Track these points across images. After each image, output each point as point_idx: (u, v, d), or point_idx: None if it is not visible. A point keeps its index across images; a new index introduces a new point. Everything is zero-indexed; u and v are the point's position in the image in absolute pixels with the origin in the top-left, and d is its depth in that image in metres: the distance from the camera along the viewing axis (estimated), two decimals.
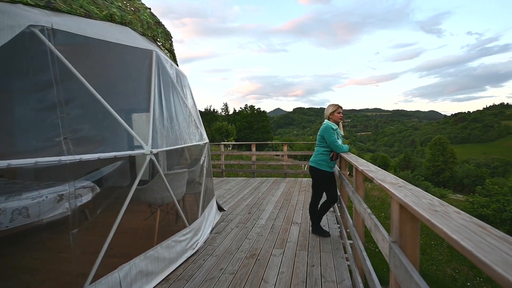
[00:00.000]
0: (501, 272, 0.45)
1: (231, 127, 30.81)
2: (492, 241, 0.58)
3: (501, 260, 0.49)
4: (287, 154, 6.64)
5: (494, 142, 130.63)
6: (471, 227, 0.67)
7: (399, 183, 1.22)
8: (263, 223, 3.51)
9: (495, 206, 9.18)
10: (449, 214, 0.76)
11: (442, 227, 0.66)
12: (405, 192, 1.05)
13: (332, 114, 3.12)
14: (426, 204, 0.88)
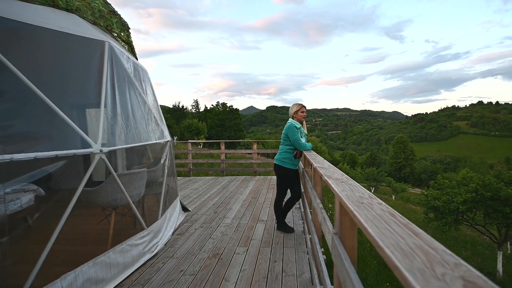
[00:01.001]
0: (388, 253, 0.54)
1: (202, 124, 30.11)
2: (395, 227, 0.69)
3: (394, 243, 0.59)
4: (257, 152, 6.74)
5: (447, 140, 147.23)
6: (385, 216, 0.77)
7: (343, 179, 1.34)
8: (229, 222, 3.54)
9: (445, 198, 10.30)
10: (372, 206, 0.87)
11: (359, 217, 0.76)
12: (343, 187, 1.16)
13: (296, 113, 3.26)
14: (357, 197, 0.99)
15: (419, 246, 0.57)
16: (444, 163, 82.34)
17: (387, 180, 27.18)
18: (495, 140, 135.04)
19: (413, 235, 0.62)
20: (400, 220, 0.73)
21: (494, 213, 9.04)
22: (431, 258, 0.51)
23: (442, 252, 0.53)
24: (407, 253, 0.54)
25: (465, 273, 0.46)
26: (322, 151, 25.03)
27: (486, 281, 0.44)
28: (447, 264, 0.49)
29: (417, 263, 0.49)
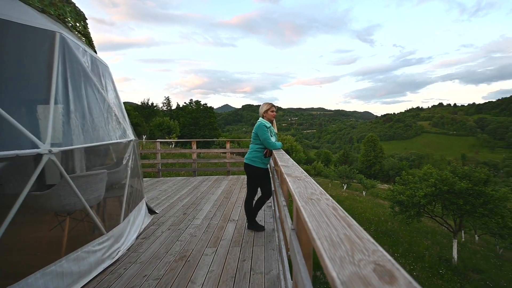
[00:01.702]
0: (319, 244, 0.60)
1: (174, 123, 29.08)
2: (333, 220, 0.75)
3: (327, 234, 0.65)
4: (231, 152, 6.73)
5: (412, 139, 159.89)
6: (327, 210, 0.84)
7: (301, 177, 1.41)
8: (199, 223, 3.51)
9: (408, 192, 11.16)
10: (319, 202, 0.94)
11: (304, 212, 0.82)
12: (299, 184, 1.23)
13: (265, 112, 3.32)
14: (308, 193, 1.05)
15: (349, 236, 0.63)
16: (410, 160, 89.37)
17: (358, 177, 28.77)
18: (453, 138, 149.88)
19: (347, 227, 0.69)
20: (339, 213, 0.80)
21: (450, 205, 10.01)
22: (355, 247, 0.57)
23: (366, 241, 0.60)
24: (335, 243, 0.60)
25: (379, 258, 0.53)
26: (297, 149, 25.73)
27: (393, 264, 0.51)
28: (366, 251, 0.55)
29: (341, 251, 0.55)
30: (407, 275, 0.46)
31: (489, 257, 11.77)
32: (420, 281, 6.38)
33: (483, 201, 9.08)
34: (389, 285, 0.43)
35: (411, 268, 7.05)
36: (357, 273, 0.47)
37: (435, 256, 9.13)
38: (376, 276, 0.46)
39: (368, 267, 0.49)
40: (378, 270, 0.48)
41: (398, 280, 0.45)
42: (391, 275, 0.46)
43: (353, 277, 0.46)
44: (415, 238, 10.92)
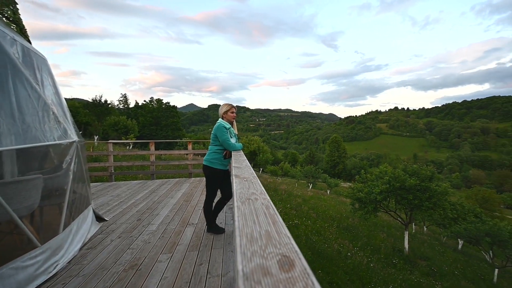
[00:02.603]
0: (238, 240, 0.65)
1: (132, 122, 27.27)
2: (262, 218, 0.81)
3: (249, 232, 0.70)
4: (193, 153, 6.57)
5: (372, 140, 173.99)
6: (260, 209, 0.90)
7: (249, 178, 1.47)
8: (154, 229, 3.38)
9: (366, 190, 12.09)
10: (255, 201, 0.99)
11: (236, 212, 0.86)
12: (244, 185, 1.28)
13: (225, 113, 3.35)
14: (249, 194, 1.10)
15: (269, 232, 0.69)
16: (370, 160, 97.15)
17: (323, 177, 30.36)
18: (407, 139, 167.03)
19: (271, 223, 0.75)
20: (270, 212, 0.86)
21: (402, 200, 11.12)
22: (270, 242, 0.63)
23: (283, 236, 0.67)
24: (254, 239, 0.65)
25: (287, 250, 0.59)
26: (264, 150, 26.19)
27: (298, 254, 0.58)
28: (279, 245, 0.62)
29: (256, 246, 0.61)
30: (304, 264, 0.53)
31: (434, 245, 13.38)
32: (376, 271, 6.96)
33: (428, 196, 10.26)
34: (286, 272, 0.50)
35: (369, 260, 7.66)
36: (261, 265, 0.52)
37: (389, 248, 10.05)
38: (277, 266, 0.52)
39: (274, 259, 0.55)
40: (282, 260, 0.54)
41: (295, 267, 0.51)
42: (292, 264, 0.53)
43: (256, 269, 0.51)
44: (373, 232, 11.87)
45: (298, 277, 0.48)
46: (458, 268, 10.44)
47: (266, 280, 0.47)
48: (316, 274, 5.44)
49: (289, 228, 7.45)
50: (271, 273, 0.49)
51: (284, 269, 0.51)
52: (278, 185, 15.30)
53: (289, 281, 0.47)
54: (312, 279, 0.47)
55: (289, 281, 0.47)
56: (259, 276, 0.48)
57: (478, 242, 11.75)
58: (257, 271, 0.50)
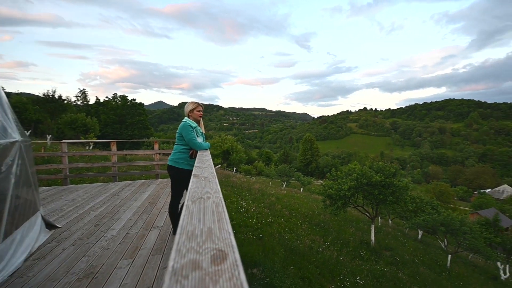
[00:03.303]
0: (177, 237, 0.66)
1: (92, 120, 25.37)
2: (208, 216, 0.82)
3: (192, 229, 0.71)
4: (159, 153, 6.34)
5: (343, 139, 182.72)
6: (209, 208, 0.90)
7: (208, 178, 1.46)
8: (114, 234, 3.21)
9: (336, 187, 12.67)
10: (207, 200, 1.00)
11: (184, 210, 0.86)
12: (200, 184, 1.28)
13: (191, 111, 3.29)
14: (203, 193, 1.11)
15: (211, 229, 0.71)
16: (341, 158, 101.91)
17: (297, 175, 31.17)
18: (375, 138, 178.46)
19: (216, 221, 0.77)
20: (218, 209, 0.88)
21: (369, 195, 11.84)
22: (210, 238, 0.65)
23: (224, 232, 0.69)
24: (194, 236, 0.66)
25: (224, 245, 0.61)
26: (238, 150, 26.16)
27: (232, 248, 0.60)
28: (217, 240, 0.64)
29: (194, 243, 0.62)
30: (236, 257, 0.55)
31: (398, 236, 14.48)
32: (345, 264, 7.33)
33: (392, 191, 11.08)
34: (216, 265, 0.52)
35: (338, 254, 8.03)
36: (193, 260, 0.54)
37: (358, 241, 10.66)
38: (209, 260, 0.54)
39: (209, 254, 0.57)
40: (216, 255, 0.56)
41: (227, 261, 0.54)
42: (224, 257, 0.55)
43: (187, 264, 0.52)
44: (343, 227, 12.49)
45: (226, 269, 0.50)
46: (417, 256, 11.44)
47: (194, 274, 0.49)
48: (288, 270, 5.59)
49: (262, 226, 7.56)
50: (201, 267, 0.51)
51: (216, 262, 0.53)
52: (252, 184, 15.40)
53: (217, 273, 0.49)
54: (239, 270, 0.50)
55: (217, 273, 0.49)
56: (188, 271, 0.49)
57: (435, 231, 12.98)
58: (188, 266, 0.51)
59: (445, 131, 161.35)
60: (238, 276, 0.47)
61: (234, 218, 7.39)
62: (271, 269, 5.05)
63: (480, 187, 75.47)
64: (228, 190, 11.32)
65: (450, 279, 9.71)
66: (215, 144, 25.48)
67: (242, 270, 0.49)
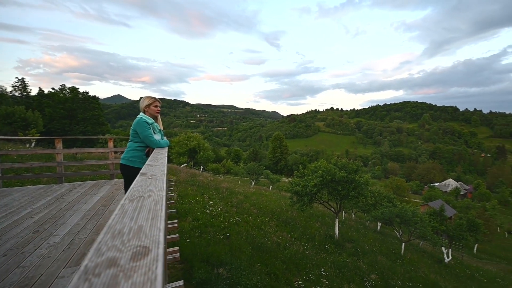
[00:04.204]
0: (100, 236, 0.63)
1: (34, 114, 22.69)
2: (142, 215, 0.80)
3: (120, 227, 0.69)
4: (114, 151, 5.93)
5: (311, 137, 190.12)
6: (146, 206, 0.87)
7: (156, 176, 1.42)
8: (57, 241, 2.94)
9: (303, 184, 13.14)
10: (148, 198, 0.97)
11: (117, 210, 0.83)
12: (145, 182, 1.24)
13: (147, 107, 3.14)
14: (144, 191, 1.07)
15: (141, 227, 0.69)
16: (309, 156, 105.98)
17: (266, 173, 31.70)
18: (341, 137, 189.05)
19: (150, 219, 0.76)
20: (156, 207, 0.86)
21: (333, 191, 12.51)
22: (137, 235, 0.64)
23: (155, 229, 0.68)
24: (121, 234, 0.64)
25: (150, 241, 0.61)
26: (205, 148, 25.64)
27: (158, 244, 0.60)
28: (145, 238, 0.63)
29: (117, 241, 0.60)
30: (159, 252, 0.55)
31: (359, 229, 15.58)
32: (310, 257, 7.66)
33: (354, 186, 11.84)
34: (135, 262, 0.51)
35: (304, 248, 8.36)
36: (111, 258, 0.52)
37: (323, 235, 11.22)
38: (129, 257, 0.53)
39: (131, 251, 0.55)
40: (138, 251, 0.55)
41: (148, 256, 0.53)
42: (146, 253, 0.54)
43: (103, 262, 0.51)
44: (309, 222, 13.02)
45: (145, 265, 0.50)
46: (376, 246, 12.45)
47: (108, 271, 0.48)
48: (255, 267, 5.68)
49: (229, 225, 7.56)
50: (118, 264, 0.50)
51: (135, 259, 0.52)
52: (220, 183, 15.28)
53: (133, 269, 0.49)
54: (158, 264, 0.50)
55: (133, 269, 0.49)
56: (101, 269, 0.48)
57: (391, 222, 14.22)
58: (103, 264, 0.50)
59: (402, 131, 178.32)
60: (155, 270, 0.47)
61: (200, 218, 7.28)
62: (238, 268, 5.09)
63: (430, 181, 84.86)
64: (194, 189, 11.09)
65: (403, 265, 10.75)
66: (181, 142, 24.62)
67: (161, 265, 0.49)
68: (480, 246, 25.63)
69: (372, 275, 8.01)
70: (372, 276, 7.90)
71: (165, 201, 0.93)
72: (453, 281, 11.49)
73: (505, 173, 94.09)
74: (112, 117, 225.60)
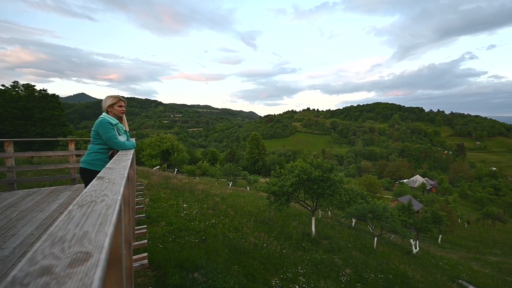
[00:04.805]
0: (39, 243, 0.59)
1: None
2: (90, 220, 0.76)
3: (63, 234, 0.65)
4: (76, 154, 5.53)
5: (289, 137, 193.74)
6: (97, 212, 0.84)
7: (114, 179, 1.36)
8: (6, 254, 2.69)
9: (280, 183, 13.33)
10: (98, 204, 0.92)
11: (63, 216, 0.78)
12: (100, 186, 1.18)
13: (111, 107, 3.00)
14: (97, 196, 1.02)
15: (87, 233, 0.66)
16: (287, 156, 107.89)
17: (243, 174, 31.69)
18: (317, 137, 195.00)
19: (98, 224, 0.72)
20: (107, 212, 0.83)
21: (309, 190, 12.83)
22: (81, 242, 0.61)
23: (101, 235, 0.65)
24: (62, 240, 0.61)
25: (93, 248, 0.58)
26: (180, 149, 24.96)
27: (102, 250, 0.57)
28: (88, 243, 0.60)
29: (57, 248, 0.57)
30: (101, 257, 0.53)
31: (335, 226, 16.15)
32: (288, 256, 7.78)
33: (329, 184, 12.25)
34: (72, 268, 0.49)
35: (282, 248, 8.47)
36: (46, 266, 0.49)
37: (300, 233, 11.45)
38: (66, 264, 0.50)
39: (70, 258, 0.53)
40: (78, 257, 0.53)
41: (87, 262, 0.51)
42: (86, 259, 0.52)
43: (35, 271, 0.48)
44: (287, 222, 13.23)
45: (81, 271, 0.48)
46: (351, 241, 13.00)
47: (39, 280, 0.45)
48: (232, 269, 5.66)
49: (205, 228, 7.46)
50: (53, 272, 0.47)
51: (73, 265, 0.49)
52: (195, 185, 15.00)
53: (68, 275, 0.47)
54: (97, 269, 0.48)
55: (68, 275, 0.47)
56: (31, 279, 0.45)
57: (364, 218, 14.94)
58: (35, 273, 0.47)
59: (374, 131, 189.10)
60: (92, 275, 0.46)
61: (174, 222, 7.10)
62: (214, 271, 5.05)
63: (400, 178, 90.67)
64: (168, 193, 10.78)
65: (376, 258, 11.34)
66: (153, 144, 23.69)
67: (100, 270, 0.47)
68: (444, 236, 27.85)
69: (347, 269, 8.35)
70: (347, 270, 8.24)
71: (119, 205, 0.90)
72: (420, 271, 12.35)
73: (464, 168, 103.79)
74: (75, 118, 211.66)
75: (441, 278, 12.55)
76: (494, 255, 24.09)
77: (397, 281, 9.09)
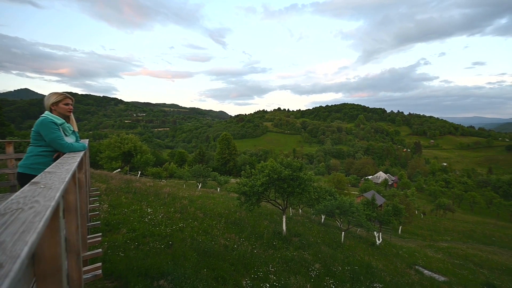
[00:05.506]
0: None
1: None
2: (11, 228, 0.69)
3: None
4: (15, 158, 4.91)
5: (260, 137, 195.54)
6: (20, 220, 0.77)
7: (51, 184, 1.24)
8: None
9: (250, 183, 13.34)
10: (25, 212, 0.83)
11: None
12: (31, 193, 1.08)
13: (55, 105, 2.73)
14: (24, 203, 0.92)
15: (2, 243, 0.59)
16: (258, 156, 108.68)
17: (213, 175, 31.27)
18: (288, 136, 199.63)
19: (19, 232, 0.67)
20: (34, 220, 0.76)
21: (279, 189, 13.05)
22: None
23: (20, 244, 0.59)
24: None
25: (6, 258, 0.51)
26: (143, 150, 23.76)
27: (16, 259, 0.51)
28: (1, 254, 0.53)
29: None
30: (13, 268, 0.47)
31: (305, 223, 16.64)
32: (259, 256, 7.80)
33: (298, 183, 12.58)
34: None
35: (253, 248, 8.48)
36: None
37: (271, 232, 11.59)
38: None
39: None
40: None
41: None
42: None
43: None
44: (258, 221, 13.30)
45: None
46: (320, 237, 13.52)
47: None
48: (201, 273, 5.55)
49: (172, 233, 7.22)
50: None
51: None
52: (161, 188, 14.43)
53: None
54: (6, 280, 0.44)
55: None
56: None
57: (333, 214, 15.64)
58: None
59: (341, 130, 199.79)
60: None
61: (137, 228, 6.76)
62: (182, 276, 4.92)
63: (365, 174, 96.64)
64: (130, 197, 10.21)
65: (343, 252, 11.92)
66: (112, 145, 22.19)
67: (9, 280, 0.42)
68: (403, 227, 30.28)
69: (316, 264, 8.64)
70: (316, 265, 8.53)
71: (50, 212, 0.81)
72: (383, 260, 13.26)
73: (420, 164, 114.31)
74: (17, 116, 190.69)
75: (401, 265, 13.59)
76: (445, 241, 26.83)
77: (362, 271, 9.64)
